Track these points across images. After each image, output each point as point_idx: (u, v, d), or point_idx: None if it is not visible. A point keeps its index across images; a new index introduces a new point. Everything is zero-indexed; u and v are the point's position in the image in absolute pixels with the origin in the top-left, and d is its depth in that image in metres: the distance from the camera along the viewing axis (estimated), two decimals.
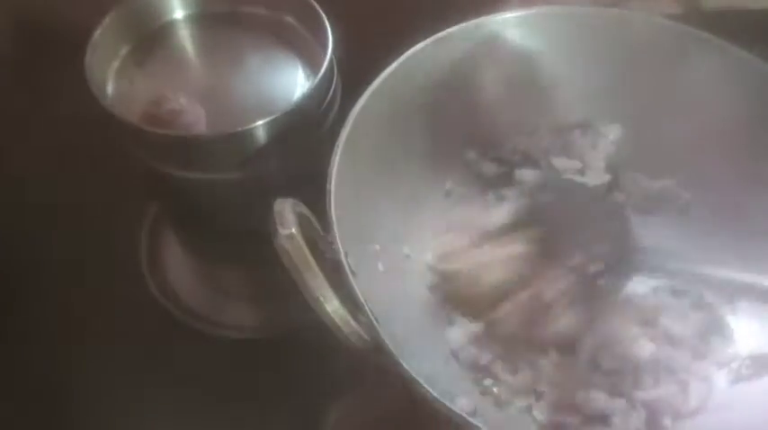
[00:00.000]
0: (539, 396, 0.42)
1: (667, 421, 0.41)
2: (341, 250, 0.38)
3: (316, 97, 0.46)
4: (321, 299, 0.34)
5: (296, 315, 0.57)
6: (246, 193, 0.48)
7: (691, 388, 0.42)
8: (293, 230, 0.34)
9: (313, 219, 0.38)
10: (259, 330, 0.58)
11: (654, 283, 0.45)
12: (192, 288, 0.60)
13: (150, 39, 0.50)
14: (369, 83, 0.46)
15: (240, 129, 0.43)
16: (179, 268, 0.61)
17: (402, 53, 0.47)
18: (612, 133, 0.50)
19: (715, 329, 0.45)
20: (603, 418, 0.41)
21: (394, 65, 0.46)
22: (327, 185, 0.40)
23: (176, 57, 0.50)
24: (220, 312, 0.58)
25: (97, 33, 0.46)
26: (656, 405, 0.41)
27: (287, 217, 0.35)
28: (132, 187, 0.54)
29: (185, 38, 0.50)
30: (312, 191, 0.42)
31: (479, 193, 0.50)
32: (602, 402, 0.41)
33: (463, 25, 0.48)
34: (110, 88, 0.47)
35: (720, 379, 0.43)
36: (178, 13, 0.51)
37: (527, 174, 0.50)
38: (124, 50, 0.49)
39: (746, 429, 0.39)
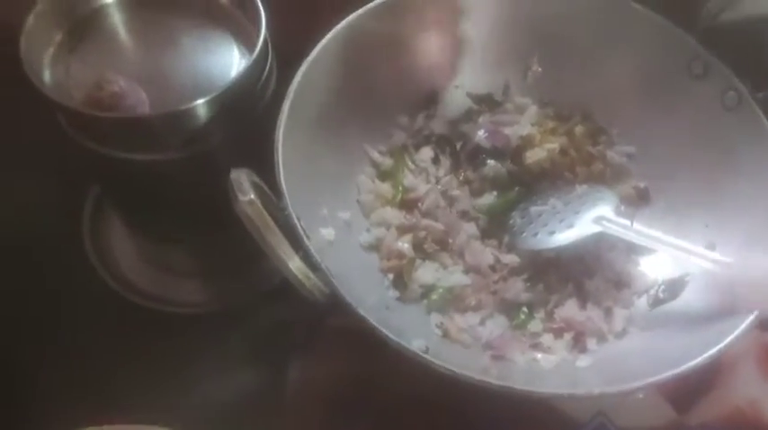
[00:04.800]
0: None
1: (592, 343, 0.45)
2: (294, 215, 0.40)
3: (252, 74, 0.47)
4: (284, 257, 0.37)
5: (240, 289, 0.59)
6: (190, 172, 0.50)
7: (614, 313, 0.46)
8: (252, 196, 0.37)
9: (265, 186, 0.40)
10: (206, 305, 0.59)
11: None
12: (138, 266, 0.60)
13: (83, 24, 0.50)
14: (303, 57, 0.48)
15: (182, 107, 0.45)
16: (123, 247, 0.61)
17: (333, 26, 0.49)
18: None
19: (632, 266, 0.49)
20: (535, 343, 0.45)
21: (328, 37, 0.48)
22: (275, 156, 0.43)
23: (111, 41, 0.50)
24: (167, 289, 0.59)
25: (30, 21, 0.47)
26: (582, 327, 0.45)
27: (244, 184, 0.37)
28: (73, 170, 0.55)
29: (118, 22, 0.51)
30: (256, 163, 0.44)
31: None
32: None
33: None
34: (47, 76, 0.48)
35: (641, 304, 0.48)
36: None
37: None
38: (58, 37, 0.49)
39: (666, 347, 0.44)
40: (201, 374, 0.54)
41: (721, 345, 0.39)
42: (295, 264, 0.37)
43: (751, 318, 0.41)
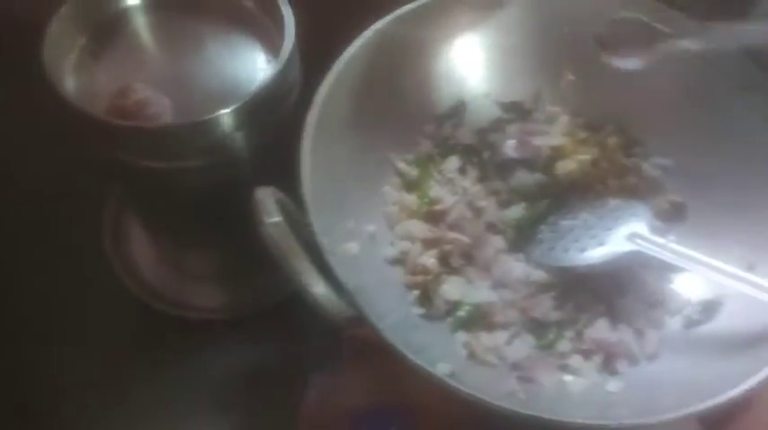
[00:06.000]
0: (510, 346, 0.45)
1: (623, 366, 0.44)
2: (317, 233, 0.39)
3: (278, 82, 0.46)
4: (309, 282, 0.36)
5: (259, 295, 0.58)
6: (213, 180, 0.49)
7: (646, 334, 0.45)
8: (278, 218, 0.36)
9: (290, 203, 0.40)
10: (224, 311, 0.58)
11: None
12: (157, 270, 0.60)
13: (106, 28, 0.49)
14: (329, 63, 0.47)
15: (206, 117, 0.44)
16: (143, 250, 0.61)
17: (360, 33, 0.48)
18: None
19: (665, 284, 0.48)
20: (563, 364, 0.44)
21: (354, 46, 0.47)
22: (299, 170, 0.42)
23: (134, 46, 0.49)
24: (185, 293, 0.59)
25: (52, 27, 0.46)
26: (613, 349, 0.44)
27: (270, 205, 0.36)
28: (95, 172, 0.54)
29: (141, 26, 0.50)
30: (280, 172, 0.43)
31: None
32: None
33: (419, 3, 0.49)
34: (70, 82, 0.47)
35: (675, 325, 0.46)
36: (132, 0, 0.51)
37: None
38: (80, 42, 0.49)
39: (702, 372, 0.42)
40: (216, 384, 0.53)
41: (764, 374, 0.38)
42: (319, 290, 0.36)
43: None
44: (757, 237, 0.46)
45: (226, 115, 0.44)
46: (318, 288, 0.36)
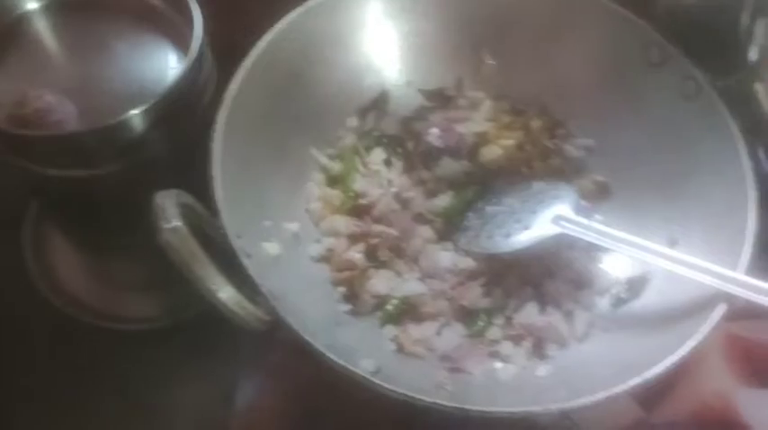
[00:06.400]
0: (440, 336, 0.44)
1: (553, 349, 0.44)
2: (230, 234, 0.38)
3: (189, 80, 0.45)
4: (213, 288, 0.34)
5: (191, 301, 0.56)
6: (129, 184, 0.47)
7: (575, 315, 0.45)
8: (177, 223, 0.34)
9: (199, 206, 0.38)
10: (155, 320, 0.56)
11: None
12: (82, 283, 0.57)
13: (3, 35, 0.47)
14: (243, 59, 0.45)
15: (113, 121, 0.42)
16: (67, 263, 0.58)
17: (272, 26, 0.47)
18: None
19: (593, 264, 0.48)
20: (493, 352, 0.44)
21: (265, 40, 0.46)
22: (210, 169, 0.40)
23: (35, 51, 0.47)
24: (113, 304, 0.56)
25: None
26: (542, 333, 0.44)
27: (169, 210, 0.35)
28: (8, 187, 0.52)
29: (42, 30, 0.48)
30: (197, 172, 0.42)
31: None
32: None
33: None
34: None
35: (603, 305, 0.46)
36: (32, 4, 0.48)
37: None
38: None
39: (632, 350, 0.42)
40: (147, 393, 0.51)
41: (689, 347, 0.38)
42: (227, 295, 0.35)
43: (719, 314, 0.40)
44: (677, 212, 0.46)
45: (135, 117, 0.43)
46: (225, 293, 0.35)
